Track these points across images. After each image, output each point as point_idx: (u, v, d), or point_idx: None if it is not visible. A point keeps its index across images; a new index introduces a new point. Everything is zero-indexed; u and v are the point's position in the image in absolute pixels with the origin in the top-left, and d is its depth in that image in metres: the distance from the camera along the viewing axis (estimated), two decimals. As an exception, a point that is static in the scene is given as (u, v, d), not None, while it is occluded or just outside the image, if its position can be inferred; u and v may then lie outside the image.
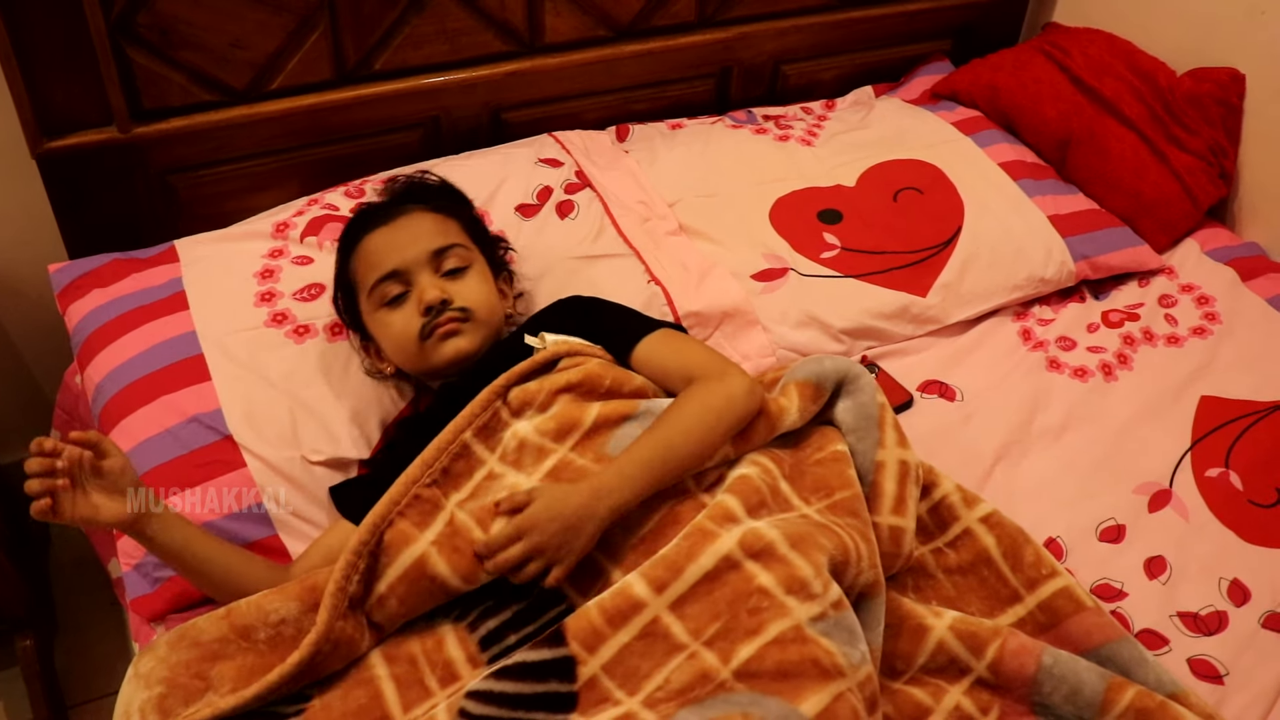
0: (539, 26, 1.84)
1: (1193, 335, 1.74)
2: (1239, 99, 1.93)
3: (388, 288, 1.33)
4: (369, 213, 1.39)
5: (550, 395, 1.23)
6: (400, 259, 1.33)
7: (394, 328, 1.33)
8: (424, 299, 1.31)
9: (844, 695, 1.03)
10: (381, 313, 1.34)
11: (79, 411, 1.59)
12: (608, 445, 1.20)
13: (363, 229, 1.37)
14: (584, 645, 1.07)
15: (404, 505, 1.16)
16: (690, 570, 1.08)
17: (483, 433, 1.22)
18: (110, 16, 1.51)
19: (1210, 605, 1.34)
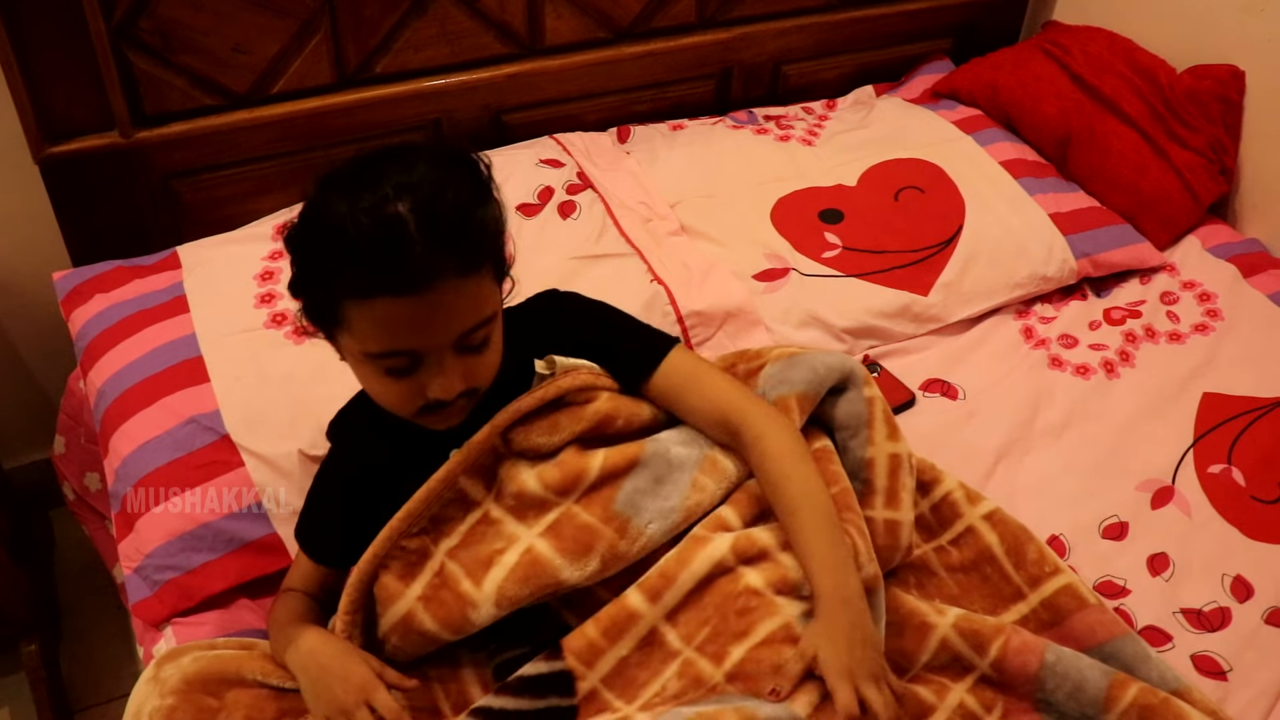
0: (539, 28, 1.84)
1: (1194, 332, 1.73)
2: (1239, 95, 1.93)
3: (395, 361, 1.03)
4: (392, 270, 0.97)
5: (557, 444, 1.15)
6: (423, 342, 1.02)
7: (387, 395, 1.07)
8: (441, 395, 1.04)
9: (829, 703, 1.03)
10: (376, 375, 1.05)
11: (83, 416, 1.60)
12: (616, 502, 1.12)
13: (379, 287, 0.98)
14: (582, 660, 1.08)
15: (386, 558, 1.11)
16: (683, 577, 1.09)
17: (478, 472, 1.13)
18: (111, 21, 1.52)
19: (1213, 601, 1.34)
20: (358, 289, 0.98)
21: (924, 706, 1.15)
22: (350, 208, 0.97)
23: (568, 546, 1.09)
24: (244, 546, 1.32)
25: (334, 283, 1.00)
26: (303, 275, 1.05)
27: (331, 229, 0.98)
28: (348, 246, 0.97)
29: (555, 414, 1.15)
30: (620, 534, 1.10)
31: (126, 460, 1.36)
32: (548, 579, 1.08)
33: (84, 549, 1.89)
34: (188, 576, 1.30)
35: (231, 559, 1.32)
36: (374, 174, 1.00)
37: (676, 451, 1.16)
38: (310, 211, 1.02)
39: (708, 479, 1.16)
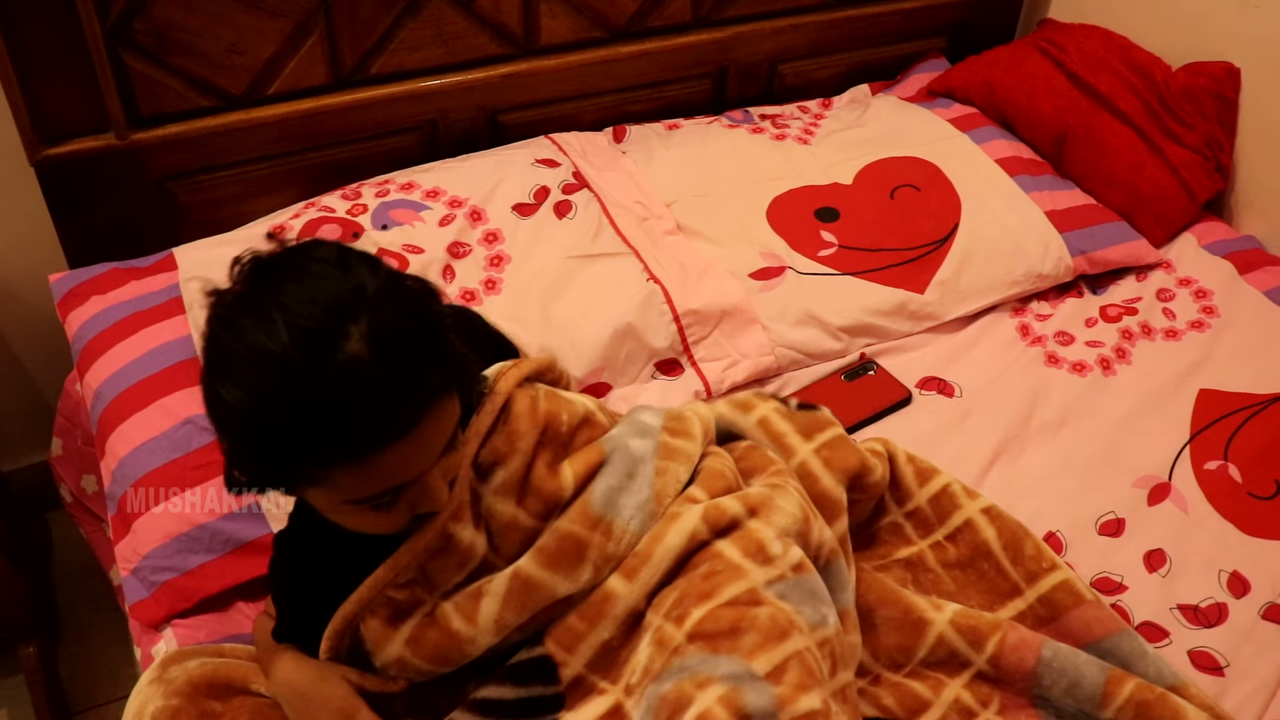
0: (534, 29, 1.85)
1: (1190, 329, 1.74)
2: (1234, 93, 1.93)
3: (383, 499, 0.92)
4: (375, 425, 0.85)
5: (523, 459, 1.08)
6: (414, 473, 0.92)
7: (373, 525, 0.97)
8: (435, 507, 0.98)
9: (799, 654, 1.01)
10: (357, 513, 0.94)
11: (80, 418, 1.60)
12: (594, 505, 1.09)
13: (367, 446, 0.86)
14: (561, 645, 1.06)
15: (374, 605, 1.05)
16: (659, 553, 1.08)
17: (465, 514, 1.05)
18: (106, 23, 1.52)
19: (1210, 597, 1.34)
20: (338, 457, 0.85)
21: (920, 702, 1.16)
22: (289, 360, 0.81)
23: (555, 560, 1.06)
24: (241, 547, 1.32)
25: (299, 454, 0.85)
26: (247, 450, 0.88)
27: (278, 394, 0.82)
28: (312, 412, 0.82)
29: (510, 427, 1.08)
30: (606, 536, 1.08)
31: (123, 461, 1.37)
32: (544, 597, 1.05)
33: (82, 551, 1.89)
34: (185, 578, 1.30)
35: (229, 560, 1.32)
36: (289, 305, 0.83)
37: (635, 444, 1.15)
38: (231, 373, 0.84)
39: (670, 462, 1.15)
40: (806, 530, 1.13)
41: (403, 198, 1.70)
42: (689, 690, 1.00)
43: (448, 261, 1.62)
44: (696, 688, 0.99)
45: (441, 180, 1.74)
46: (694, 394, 1.56)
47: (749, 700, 0.98)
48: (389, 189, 1.72)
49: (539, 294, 1.59)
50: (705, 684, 0.99)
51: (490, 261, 1.63)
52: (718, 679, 0.99)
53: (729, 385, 1.58)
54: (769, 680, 0.99)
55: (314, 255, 0.88)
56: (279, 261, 0.88)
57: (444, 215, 1.67)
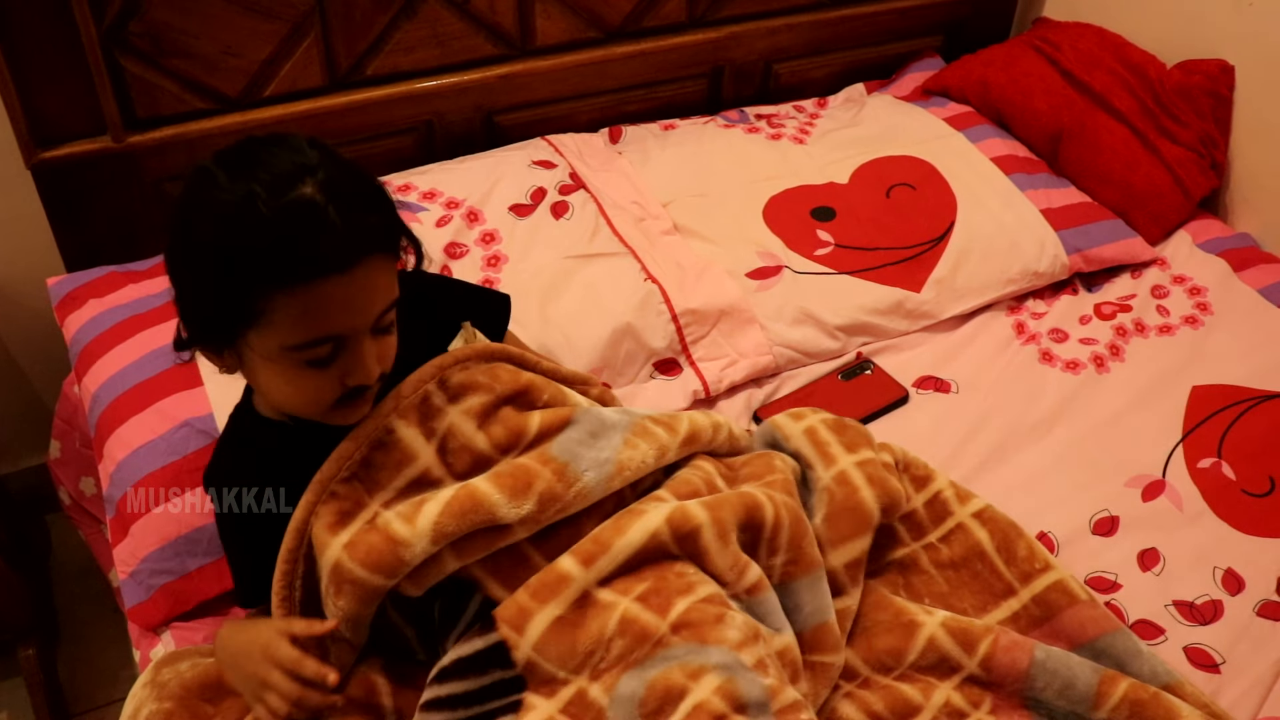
0: (530, 29, 1.85)
1: (1184, 325, 1.74)
2: (1229, 90, 1.94)
3: (317, 350, 0.98)
4: (321, 250, 0.94)
5: (496, 396, 1.13)
6: (349, 324, 0.98)
7: (303, 391, 1.02)
8: (365, 379, 1.02)
9: (770, 656, 1.07)
10: (291, 371, 1.00)
11: (77, 421, 1.60)
12: (552, 448, 1.12)
13: (311, 270, 0.94)
14: (513, 626, 1.05)
15: (317, 504, 1.06)
16: (618, 545, 1.08)
17: (412, 416, 1.08)
18: (102, 25, 1.52)
19: (1205, 594, 1.34)
20: (286, 276, 0.93)
21: (910, 705, 1.16)
22: (255, 195, 0.92)
23: (505, 483, 1.07)
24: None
25: (253, 276, 0.93)
26: (204, 280, 0.97)
27: (241, 220, 0.93)
28: (268, 233, 0.92)
29: (494, 365, 1.15)
30: (558, 477, 1.09)
31: (121, 464, 1.37)
32: (484, 514, 1.05)
33: (80, 553, 1.89)
34: (183, 580, 1.30)
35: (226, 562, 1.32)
36: (262, 161, 0.95)
37: (609, 414, 1.18)
38: (202, 209, 0.95)
39: (640, 440, 1.16)
40: (759, 528, 1.16)
41: (399, 199, 1.69)
42: (680, 679, 1.01)
43: (445, 262, 1.62)
44: (688, 677, 1.01)
45: (438, 181, 1.74)
46: (692, 394, 1.56)
47: (744, 690, 1.00)
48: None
49: (537, 294, 1.59)
50: (697, 674, 1.01)
51: (487, 262, 1.64)
52: (711, 668, 1.01)
53: (727, 385, 1.58)
54: (757, 672, 1.02)
55: (286, 136, 1.00)
56: (254, 140, 1.00)
57: (441, 216, 1.67)
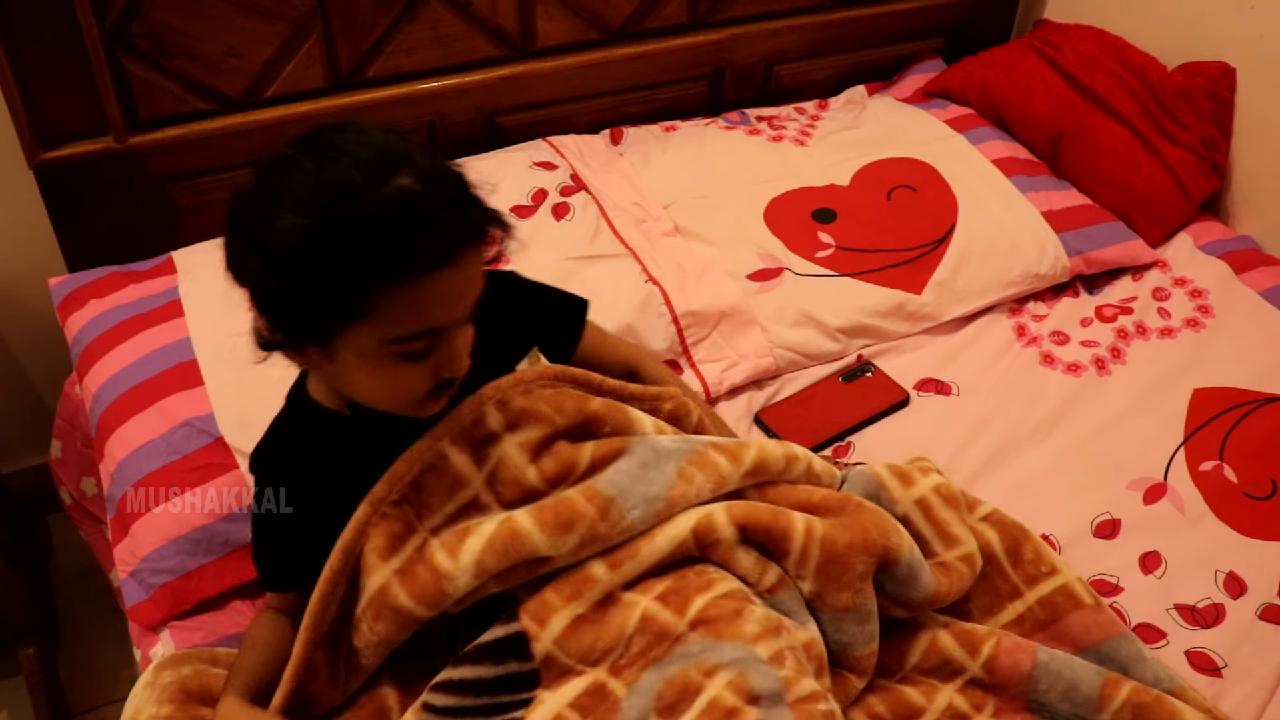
0: (531, 31, 1.85)
1: (1186, 328, 1.74)
2: (1230, 92, 1.94)
3: (418, 343, 0.96)
4: (429, 243, 0.92)
5: (554, 428, 1.11)
6: (450, 316, 0.97)
7: (398, 385, 1.00)
8: (458, 371, 1.01)
9: (792, 648, 1.05)
10: (387, 365, 0.97)
11: (79, 421, 1.60)
12: (600, 481, 1.10)
13: (423, 263, 0.92)
14: (535, 619, 1.06)
15: (368, 525, 1.06)
16: (646, 551, 1.08)
17: (465, 442, 1.08)
18: (104, 26, 1.52)
19: (1207, 598, 1.34)
20: (395, 270, 0.91)
21: (913, 708, 1.15)
22: (354, 186, 0.90)
23: (548, 520, 1.06)
24: (240, 549, 1.32)
25: (359, 270, 0.90)
26: (300, 276, 0.92)
27: (344, 212, 0.89)
28: (374, 226, 0.89)
29: (560, 391, 1.13)
30: (602, 515, 1.07)
31: (122, 464, 1.37)
32: (525, 551, 1.05)
33: (81, 553, 1.89)
34: (183, 580, 1.30)
35: (227, 561, 1.32)
36: (347, 150, 0.92)
37: (664, 443, 1.15)
38: (294, 202, 0.91)
39: (696, 470, 1.13)
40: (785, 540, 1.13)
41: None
42: (696, 677, 1.02)
43: (446, 264, 1.62)
44: (704, 675, 1.01)
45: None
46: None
47: (755, 683, 1.01)
48: (387, 191, 1.73)
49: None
50: (712, 671, 1.01)
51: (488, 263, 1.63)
52: (724, 665, 1.02)
53: (728, 387, 1.58)
54: (772, 664, 1.02)
55: (356, 123, 0.97)
56: (327, 127, 0.96)
57: (442, 217, 1.67)
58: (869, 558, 1.12)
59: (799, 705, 1.01)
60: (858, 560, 1.12)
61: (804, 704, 1.01)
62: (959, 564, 1.21)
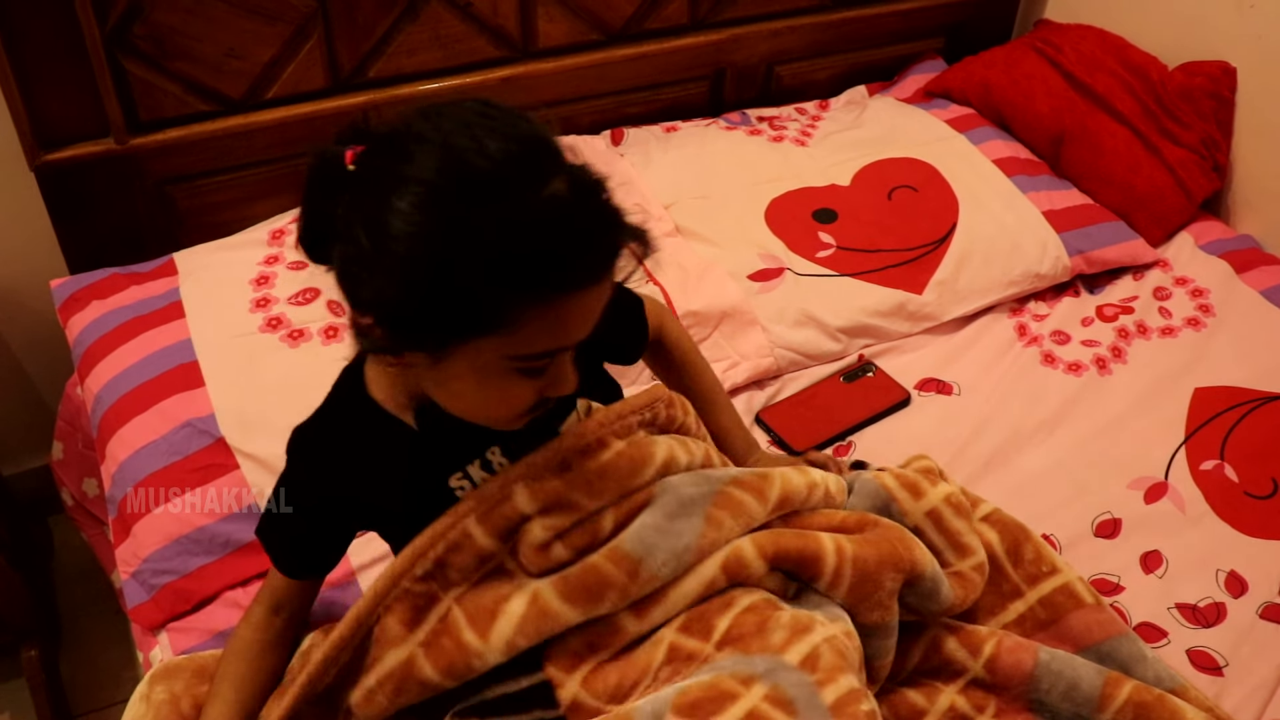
0: (532, 32, 1.85)
1: (1187, 327, 1.74)
2: (1230, 92, 1.94)
3: (541, 362, 0.89)
4: (579, 262, 0.84)
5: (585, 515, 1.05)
6: (581, 334, 0.89)
7: (503, 400, 0.92)
8: (567, 390, 0.93)
9: (828, 639, 1.02)
10: (499, 378, 0.89)
11: (80, 423, 1.60)
12: (626, 540, 1.04)
13: (572, 282, 0.84)
14: (561, 667, 1.04)
15: (390, 601, 1.03)
16: (674, 597, 1.06)
17: (490, 524, 1.02)
18: (105, 28, 1.52)
19: (1208, 597, 1.34)
20: (546, 288, 0.82)
21: (914, 710, 1.15)
22: (506, 190, 0.80)
23: (576, 595, 1.02)
24: (241, 549, 1.32)
25: (506, 285, 0.80)
26: (430, 283, 0.80)
27: (494, 220, 0.79)
28: (529, 240, 0.80)
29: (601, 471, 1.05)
30: (631, 577, 1.03)
31: (123, 465, 1.37)
32: (557, 628, 1.03)
33: (83, 554, 1.89)
34: (185, 580, 1.30)
35: (228, 562, 1.32)
36: (488, 140, 0.81)
37: (688, 489, 1.09)
38: (426, 198, 0.79)
39: (725, 514, 1.08)
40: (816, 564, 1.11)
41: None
42: (731, 685, 0.98)
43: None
44: (740, 684, 0.98)
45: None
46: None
47: (791, 692, 0.97)
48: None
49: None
50: (749, 681, 0.98)
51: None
52: (759, 677, 0.99)
53: (729, 386, 1.58)
54: (803, 669, 0.99)
55: (490, 100, 0.87)
56: (455, 103, 0.86)
57: (443, 218, 1.67)
58: (898, 574, 1.11)
59: (839, 708, 0.97)
60: (888, 577, 1.10)
61: (844, 706, 0.98)
62: (973, 574, 1.20)
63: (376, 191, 0.81)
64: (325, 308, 1.53)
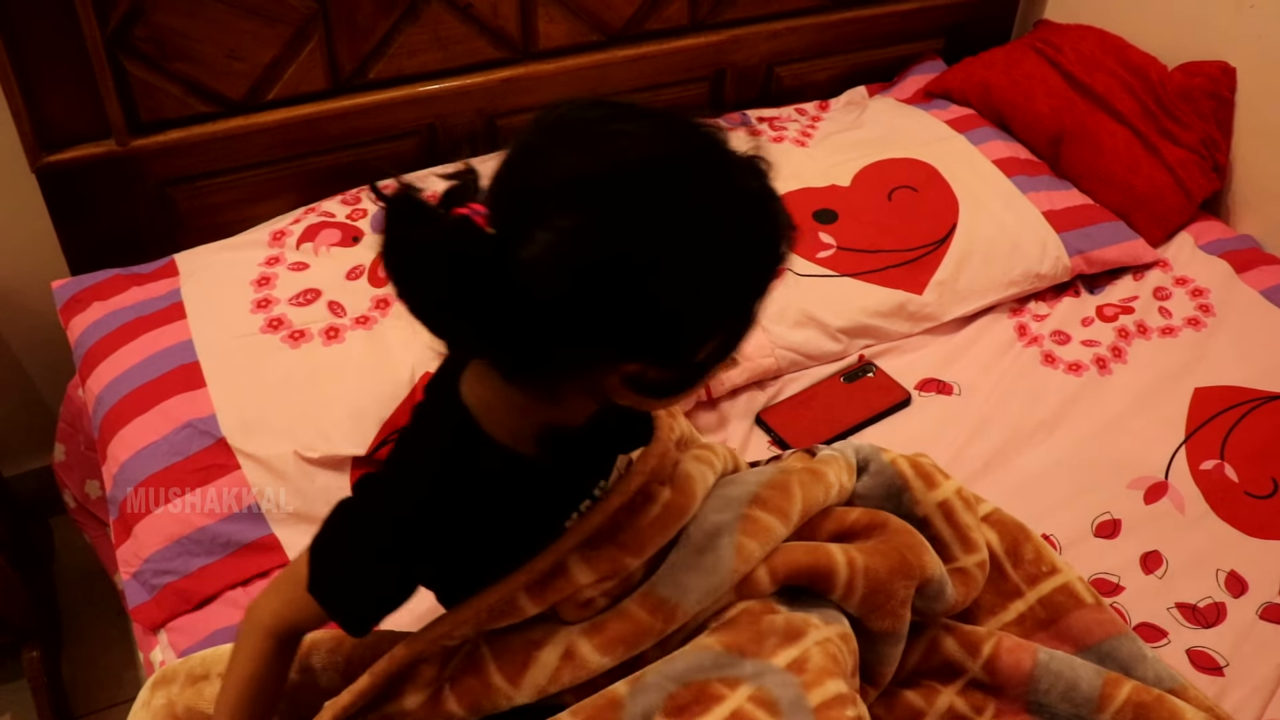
0: (532, 33, 1.85)
1: (1187, 327, 1.74)
2: (1230, 92, 1.94)
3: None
4: (791, 231, 0.85)
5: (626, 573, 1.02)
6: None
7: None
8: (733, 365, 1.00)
9: (820, 643, 1.03)
10: (698, 384, 0.87)
11: (82, 424, 1.60)
12: (660, 589, 1.03)
13: (775, 278, 0.84)
14: (576, 694, 1.02)
15: (428, 654, 1.01)
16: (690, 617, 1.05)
17: (543, 594, 0.99)
18: (106, 29, 1.52)
19: (1208, 597, 1.34)
20: (773, 273, 0.82)
21: (913, 711, 1.15)
22: (740, 186, 0.79)
23: (613, 644, 1.01)
24: (242, 549, 1.33)
25: (744, 289, 0.81)
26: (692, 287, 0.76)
27: (755, 222, 0.79)
28: (779, 230, 0.80)
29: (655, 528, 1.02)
30: (668, 623, 1.02)
31: (124, 465, 1.37)
32: (591, 674, 1.01)
33: (85, 556, 1.89)
34: (186, 580, 1.31)
35: (229, 562, 1.32)
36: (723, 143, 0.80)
37: (713, 518, 1.07)
38: (694, 209, 0.76)
39: (753, 543, 1.06)
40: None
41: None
42: (718, 687, 0.99)
43: (447, 265, 1.62)
44: (726, 687, 0.99)
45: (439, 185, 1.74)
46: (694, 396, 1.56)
47: (776, 693, 0.98)
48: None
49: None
50: (734, 683, 0.99)
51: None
52: (745, 679, 1.00)
53: (729, 387, 1.58)
54: (790, 670, 1.00)
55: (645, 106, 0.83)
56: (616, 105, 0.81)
57: (443, 219, 1.67)
58: (909, 582, 1.11)
59: (824, 711, 0.98)
60: (899, 586, 1.10)
61: (829, 710, 0.98)
62: (976, 570, 1.20)
63: (592, 240, 0.73)
64: (326, 308, 1.53)
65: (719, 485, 1.12)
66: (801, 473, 1.16)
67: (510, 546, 0.97)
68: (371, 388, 1.45)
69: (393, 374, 1.46)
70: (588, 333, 0.76)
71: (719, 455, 1.15)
